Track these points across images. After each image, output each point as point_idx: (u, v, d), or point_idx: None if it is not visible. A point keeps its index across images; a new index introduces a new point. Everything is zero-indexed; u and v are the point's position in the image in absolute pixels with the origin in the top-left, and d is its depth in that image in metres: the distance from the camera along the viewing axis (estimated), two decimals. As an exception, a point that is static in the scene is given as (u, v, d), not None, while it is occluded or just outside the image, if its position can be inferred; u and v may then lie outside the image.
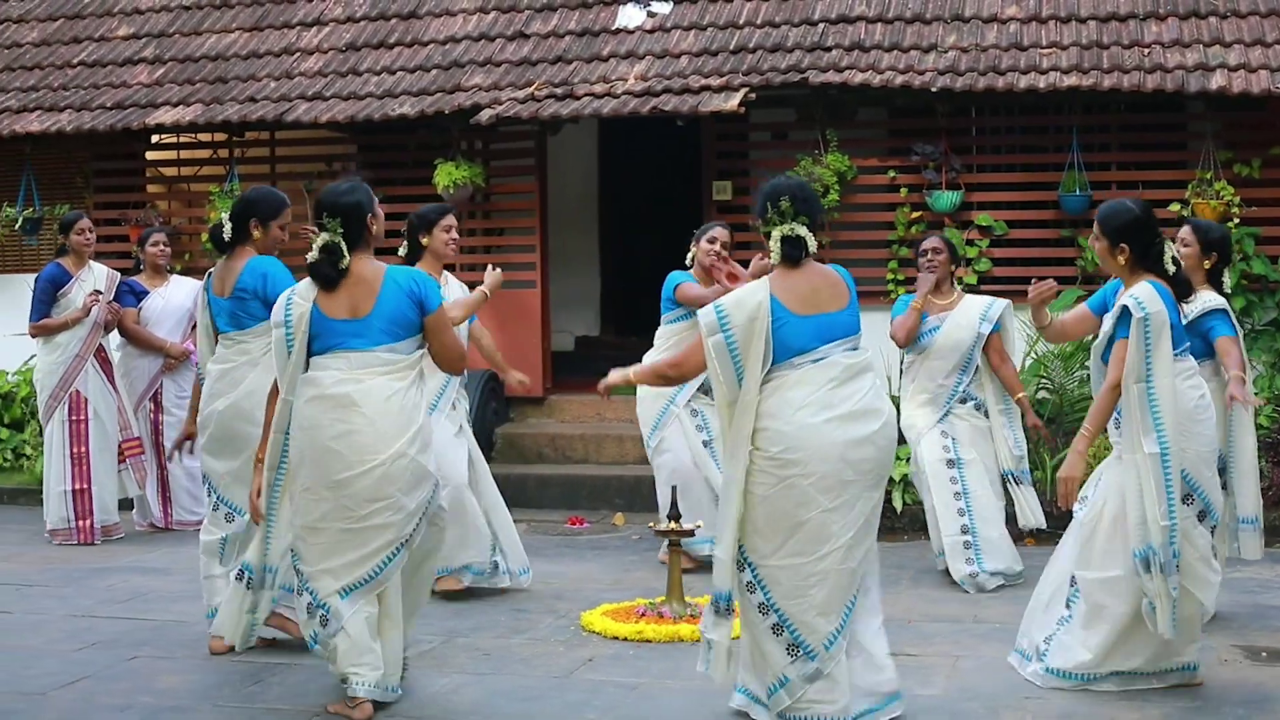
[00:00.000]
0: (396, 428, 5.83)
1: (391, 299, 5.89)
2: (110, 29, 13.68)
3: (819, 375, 5.48)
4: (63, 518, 10.12)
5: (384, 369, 5.87)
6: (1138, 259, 6.13)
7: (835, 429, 5.43)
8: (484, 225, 12.56)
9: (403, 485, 5.85)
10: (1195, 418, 6.12)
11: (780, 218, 5.54)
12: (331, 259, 5.88)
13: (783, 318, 5.47)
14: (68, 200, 12.87)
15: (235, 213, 6.96)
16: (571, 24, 12.46)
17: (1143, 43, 11.01)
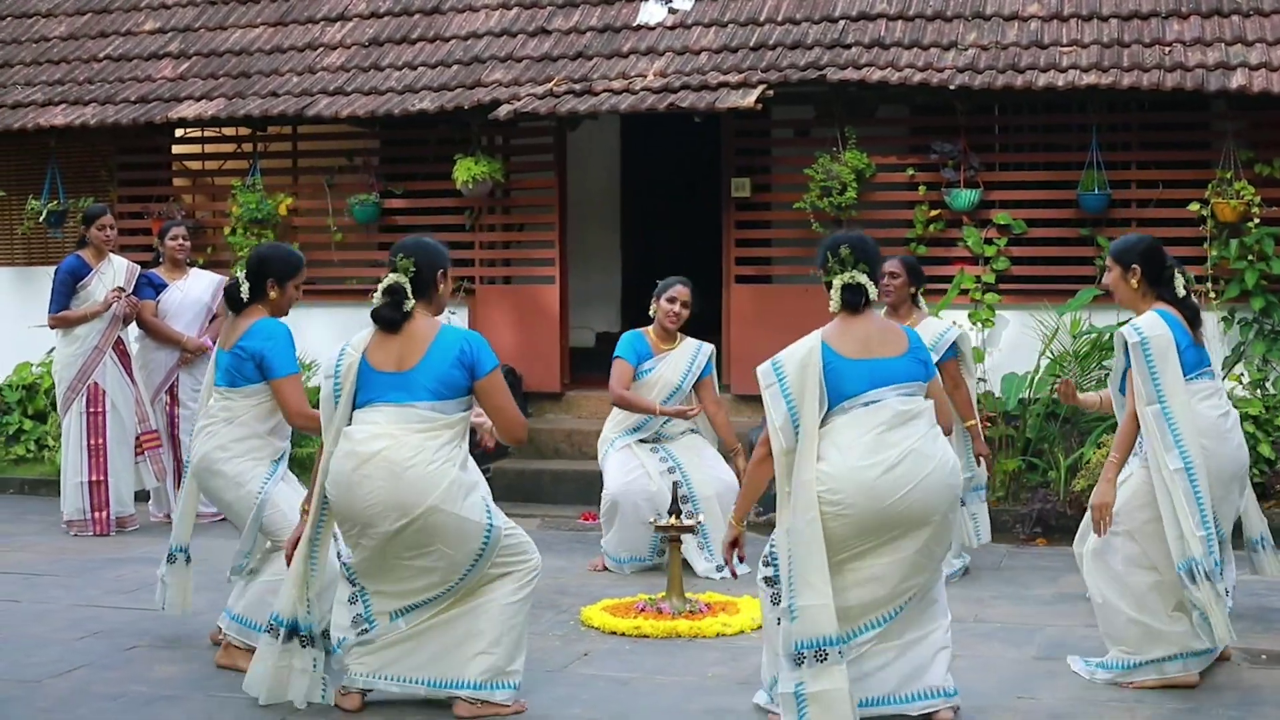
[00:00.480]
0: (422, 485, 5.67)
1: (440, 357, 5.78)
2: (136, 23, 13.77)
3: (869, 419, 5.53)
4: (79, 509, 10.18)
5: (420, 425, 5.74)
6: (1150, 282, 6.41)
7: (880, 474, 5.46)
8: (504, 221, 12.58)
9: (445, 539, 5.73)
10: (1212, 435, 6.33)
11: (840, 266, 5.65)
12: (395, 300, 5.81)
13: (833, 362, 5.55)
14: (92, 193, 12.96)
15: (251, 270, 6.73)
16: (593, 20, 12.46)
17: (1164, 41, 10.93)
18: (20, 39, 13.90)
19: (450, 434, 5.79)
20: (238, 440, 6.68)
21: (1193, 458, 6.13)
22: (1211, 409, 6.40)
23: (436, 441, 5.74)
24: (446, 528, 5.72)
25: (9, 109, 12.88)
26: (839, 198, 11.06)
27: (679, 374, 8.86)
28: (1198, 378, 6.38)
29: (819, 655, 5.35)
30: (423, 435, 5.74)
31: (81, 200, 12.65)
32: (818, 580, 5.38)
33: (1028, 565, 9.10)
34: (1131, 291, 6.45)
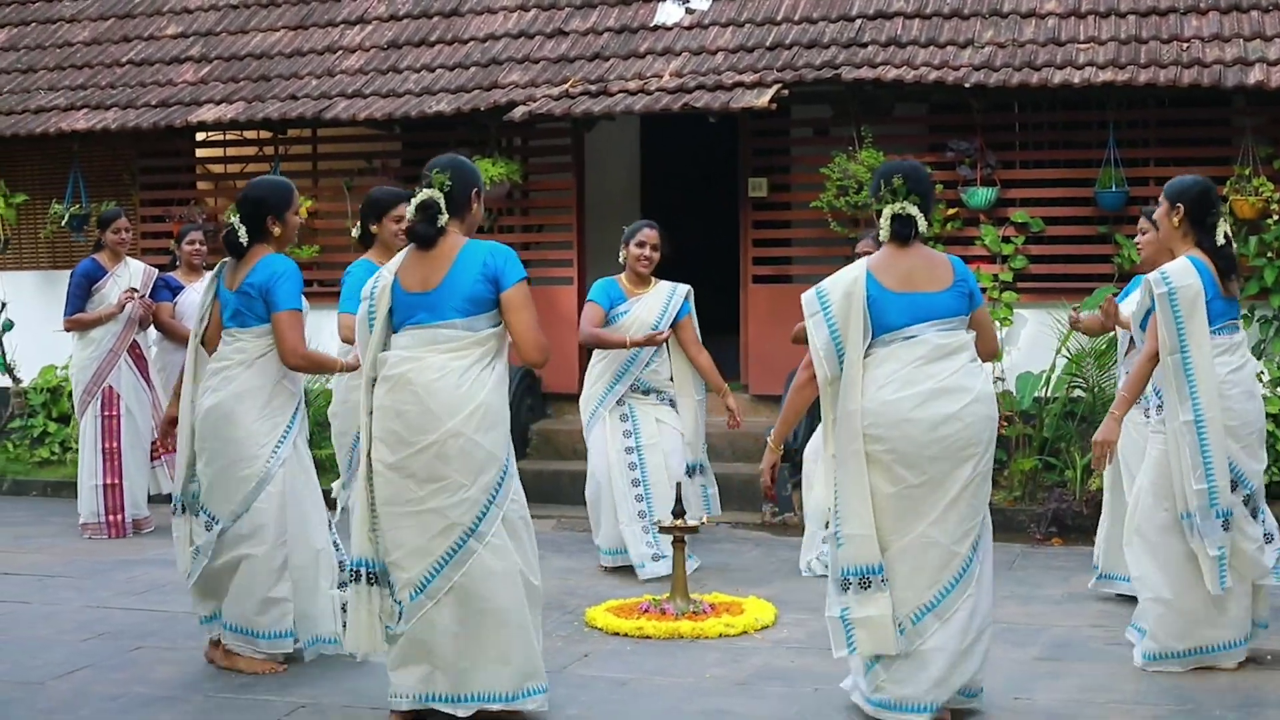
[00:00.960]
0: (447, 406, 5.52)
1: (464, 272, 5.60)
2: (159, 28, 13.84)
3: (906, 353, 5.55)
4: (94, 511, 10.24)
5: (446, 345, 5.58)
6: (1192, 223, 6.43)
7: (914, 406, 5.48)
8: (522, 222, 12.59)
9: (459, 466, 5.53)
10: (1224, 392, 6.30)
11: (892, 195, 5.63)
12: (429, 215, 5.65)
13: (876, 294, 5.56)
14: (115, 197, 13.02)
15: (247, 213, 6.48)
16: (610, 21, 12.46)
17: (1182, 37, 10.85)
18: (45, 44, 14.00)
19: (479, 352, 5.60)
20: (255, 390, 6.45)
21: (1204, 411, 6.18)
22: (1222, 365, 6.36)
23: (464, 362, 5.57)
24: (465, 453, 5.53)
25: (32, 114, 12.97)
26: (855, 197, 11.02)
27: (654, 314, 8.83)
28: (1222, 330, 6.38)
29: (863, 582, 5.47)
30: (448, 355, 5.58)
31: (104, 204, 12.69)
32: (862, 509, 5.46)
33: (1041, 565, 9.05)
34: (1172, 229, 6.49)
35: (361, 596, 5.79)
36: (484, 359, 5.62)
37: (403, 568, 5.66)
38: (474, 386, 5.57)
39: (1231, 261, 6.47)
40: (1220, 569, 6.23)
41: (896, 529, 5.49)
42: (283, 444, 6.49)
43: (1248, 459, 6.39)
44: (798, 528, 10.34)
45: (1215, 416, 6.19)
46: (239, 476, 6.46)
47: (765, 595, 8.05)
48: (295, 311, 6.45)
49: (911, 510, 5.49)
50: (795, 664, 6.75)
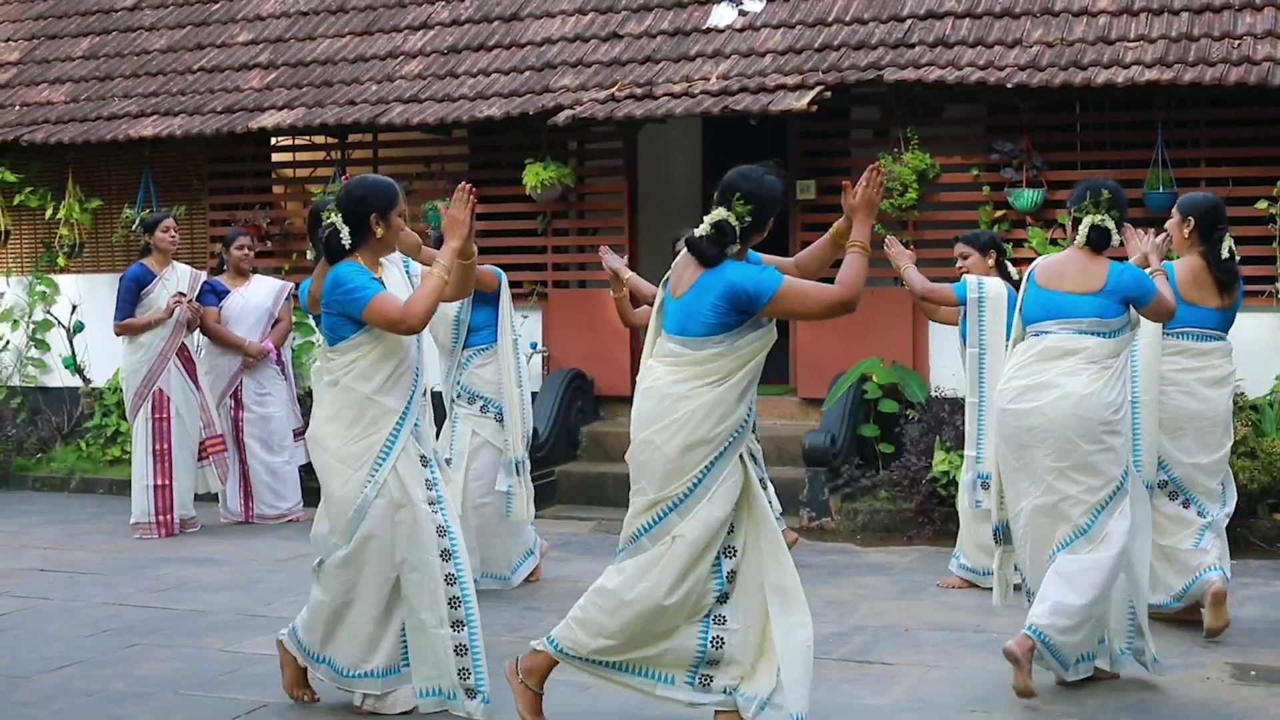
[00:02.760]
0: (652, 415, 5.40)
1: (706, 286, 5.38)
2: (232, 35, 14.11)
3: (1029, 348, 6.20)
4: (144, 511, 10.48)
5: (668, 360, 5.46)
6: (1200, 236, 7.11)
7: (1010, 399, 6.16)
8: (577, 225, 12.64)
9: (649, 475, 5.41)
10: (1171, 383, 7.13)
11: (1095, 207, 6.17)
12: (722, 238, 5.42)
13: (1030, 289, 6.29)
14: (185, 201, 13.33)
15: (349, 211, 5.89)
16: (664, 24, 12.47)
17: (1234, 34, 10.60)
18: (123, 53, 14.34)
19: (694, 372, 5.41)
20: (342, 409, 5.93)
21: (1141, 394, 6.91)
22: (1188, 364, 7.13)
23: (675, 377, 5.41)
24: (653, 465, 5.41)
25: (106, 120, 13.29)
26: (900, 199, 10.93)
27: None
28: (1183, 335, 7.07)
29: (998, 538, 6.43)
30: (666, 369, 5.48)
31: (174, 208, 13.00)
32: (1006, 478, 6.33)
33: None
34: (1182, 239, 7.14)
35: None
36: (702, 378, 5.42)
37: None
38: (681, 402, 5.39)
39: (1231, 274, 7.14)
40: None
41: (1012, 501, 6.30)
42: (383, 465, 5.89)
43: (1171, 449, 7.08)
44: (834, 532, 10.31)
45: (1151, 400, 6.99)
46: (340, 504, 5.93)
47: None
48: (379, 293, 5.77)
49: (1015, 487, 6.24)
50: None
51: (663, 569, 5.43)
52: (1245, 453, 9.46)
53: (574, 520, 10.97)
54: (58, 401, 13.67)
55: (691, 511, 5.38)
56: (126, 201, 13.42)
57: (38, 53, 14.76)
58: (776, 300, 5.34)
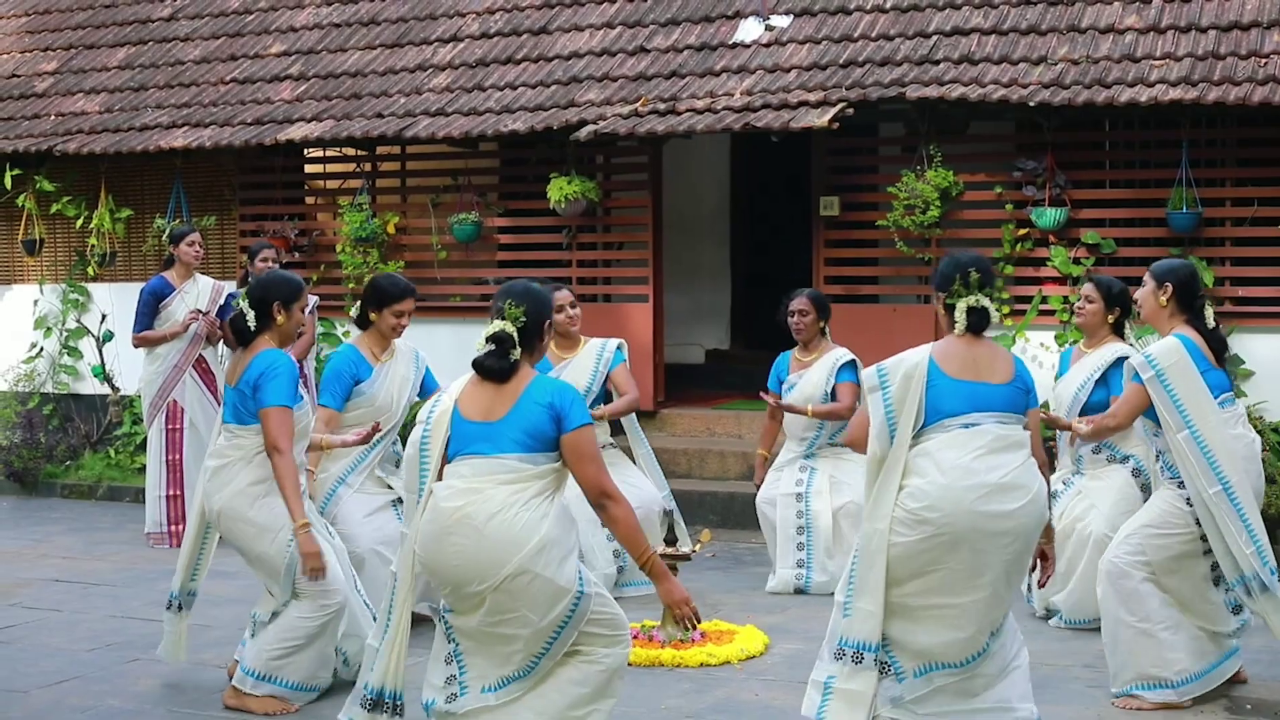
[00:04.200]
0: (504, 545, 5.21)
1: (528, 406, 5.35)
2: (265, 46, 14.19)
3: (969, 441, 5.54)
4: (157, 521, 10.58)
5: (507, 478, 5.30)
6: (1180, 304, 6.67)
7: (978, 498, 5.47)
8: (603, 239, 12.65)
9: (529, 603, 5.23)
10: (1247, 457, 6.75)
11: (967, 289, 5.68)
12: (502, 350, 5.39)
13: (937, 380, 5.60)
14: (216, 212, 13.44)
15: (255, 299, 6.68)
16: (691, 39, 12.46)
17: (1260, 53, 10.49)
18: (158, 63, 14.45)
19: (539, 485, 5.31)
20: (257, 483, 6.58)
21: (1229, 477, 6.29)
22: (1239, 438, 6.70)
23: (524, 495, 5.28)
24: (532, 591, 5.23)
25: (138, 131, 13.39)
26: (922, 216, 10.88)
27: (585, 377, 8.93)
28: (1224, 403, 6.61)
29: (856, 657, 5.53)
30: (509, 489, 5.29)
31: (205, 219, 13.11)
32: (875, 587, 5.49)
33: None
34: (1158, 309, 6.70)
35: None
36: (543, 493, 5.35)
37: (480, 666, 5.40)
38: (536, 520, 5.27)
39: (1223, 342, 6.76)
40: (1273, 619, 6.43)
41: (929, 597, 5.51)
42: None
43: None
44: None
45: (1240, 479, 6.37)
46: (272, 562, 6.61)
47: (772, 622, 8.01)
48: (283, 407, 6.51)
49: (943, 588, 5.50)
50: (758, 698, 6.71)
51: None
52: (1265, 477, 9.31)
53: (591, 535, 10.95)
54: (88, 409, 13.81)
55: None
56: (158, 211, 13.53)
57: (74, 63, 14.90)
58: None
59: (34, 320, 14.11)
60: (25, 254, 14.08)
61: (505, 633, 5.27)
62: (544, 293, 5.57)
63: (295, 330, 6.84)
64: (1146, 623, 6.46)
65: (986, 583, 5.48)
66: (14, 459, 13.12)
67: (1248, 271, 10.66)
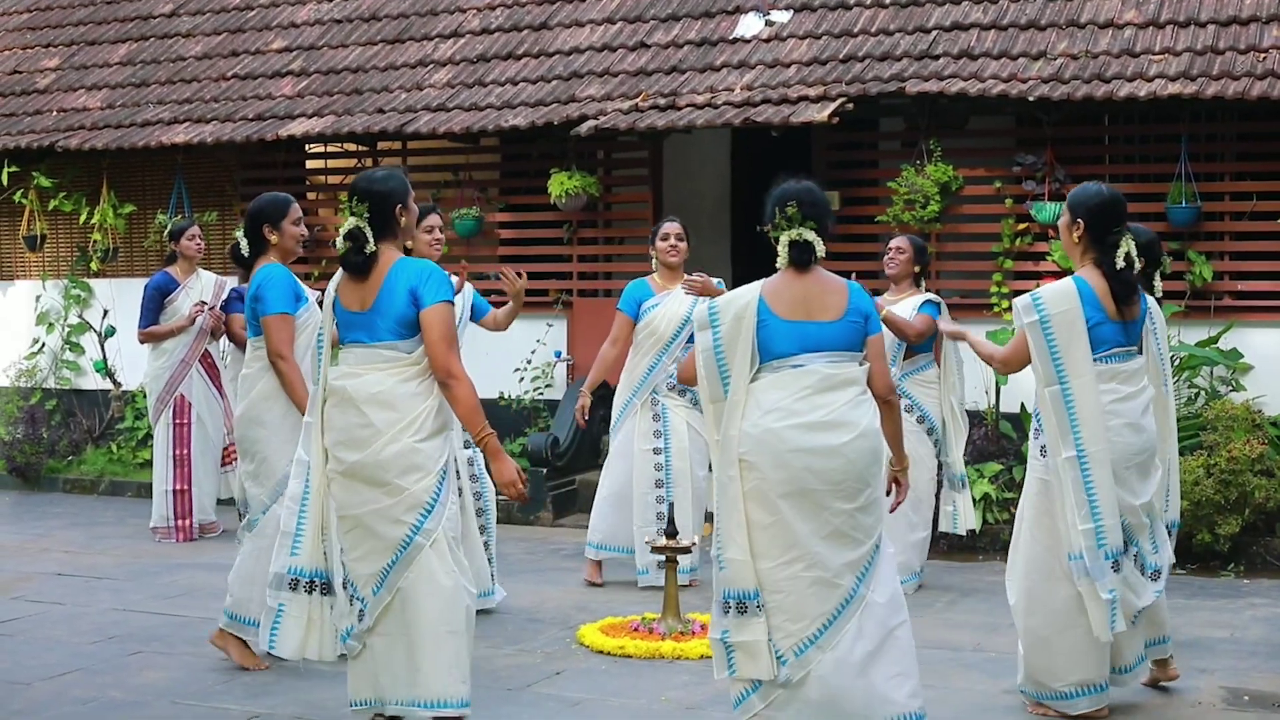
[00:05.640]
0: (388, 419, 5.64)
1: (392, 292, 5.68)
2: (265, 42, 14.21)
3: (793, 382, 5.41)
4: (164, 516, 10.61)
5: (384, 365, 5.68)
6: (1091, 240, 6.10)
7: (796, 435, 5.35)
8: (604, 234, 12.67)
9: (396, 470, 5.63)
10: (1115, 417, 6.06)
11: (788, 223, 5.50)
12: (356, 245, 5.73)
13: (767, 320, 5.45)
14: (218, 208, 13.48)
15: (246, 226, 7.19)
16: (691, 34, 12.47)
17: (1259, 48, 10.50)
18: (159, 59, 14.46)
19: (415, 370, 5.70)
20: (280, 387, 6.97)
21: (1086, 446, 5.91)
22: (1122, 390, 6.10)
23: (399, 377, 5.68)
24: (399, 458, 5.62)
25: (139, 127, 13.41)
26: (922, 211, 10.91)
27: (686, 307, 8.86)
28: (1110, 358, 6.06)
29: (740, 607, 5.38)
30: (384, 373, 5.69)
31: (206, 214, 13.14)
32: (738, 535, 5.37)
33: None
34: (1071, 245, 6.20)
35: (302, 604, 5.93)
36: (416, 378, 5.70)
37: (364, 562, 5.72)
38: (412, 400, 5.68)
39: (1130, 286, 6.07)
40: (1111, 613, 5.92)
41: (774, 557, 5.36)
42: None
43: (1122, 493, 6.04)
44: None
45: (1100, 450, 5.92)
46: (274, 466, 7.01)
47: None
48: (282, 314, 6.90)
49: (787, 540, 5.35)
50: (758, 688, 6.71)
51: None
52: (1263, 471, 9.37)
53: (593, 530, 10.98)
54: (90, 404, 13.84)
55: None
56: (160, 207, 13.58)
57: (76, 59, 14.92)
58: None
59: (36, 316, 14.15)
60: (27, 250, 14.12)
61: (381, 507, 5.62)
62: (388, 176, 5.88)
63: (294, 245, 7.16)
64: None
65: (827, 523, 5.33)
66: (16, 454, 13.16)
67: (1247, 266, 10.68)
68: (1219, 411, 9.77)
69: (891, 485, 5.87)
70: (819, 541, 5.34)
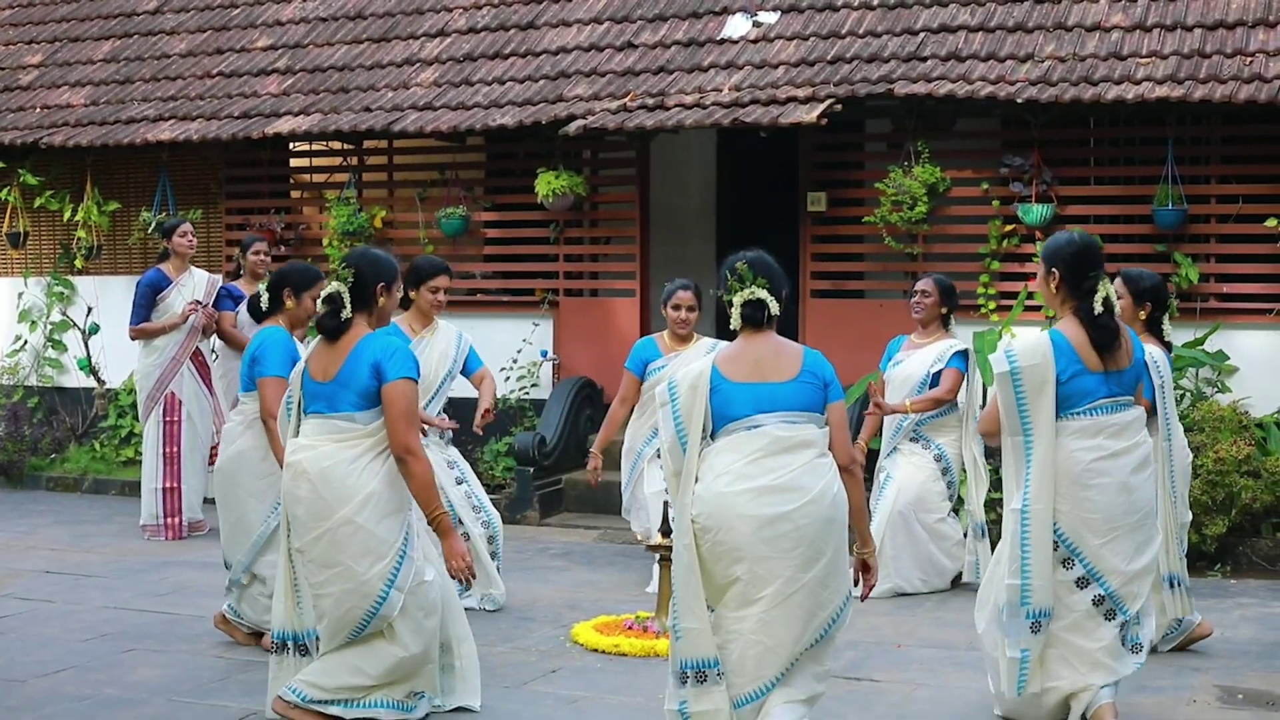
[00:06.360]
0: (339, 495, 5.82)
1: (356, 363, 5.89)
2: (251, 40, 14.18)
3: (745, 444, 5.32)
4: (153, 514, 10.58)
5: (338, 436, 5.90)
6: (1069, 290, 5.88)
7: (747, 501, 5.24)
8: (590, 234, 12.68)
9: (351, 553, 5.81)
10: (1083, 482, 5.77)
11: (740, 283, 5.45)
12: (332, 309, 5.96)
13: (720, 385, 5.39)
14: (202, 205, 13.44)
15: (271, 283, 7.47)
16: (679, 34, 12.48)
17: (1246, 51, 10.57)
18: (144, 56, 14.41)
19: (369, 444, 5.89)
20: (255, 447, 7.26)
21: (1033, 504, 5.73)
22: (1087, 451, 5.79)
23: (353, 451, 5.87)
24: (355, 542, 5.81)
25: (124, 124, 13.37)
26: (909, 212, 10.94)
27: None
28: (1094, 410, 5.80)
29: (699, 676, 5.27)
30: (338, 445, 5.88)
31: (191, 212, 13.11)
32: (696, 605, 5.28)
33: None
34: (1051, 296, 5.97)
35: (286, 667, 6.09)
36: (373, 451, 5.91)
37: (326, 639, 6.00)
38: (364, 476, 5.86)
39: (1109, 333, 5.82)
40: (1020, 673, 5.75)
41: (731, 609, 5.28)
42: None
43: (1110, 555, 5.76)
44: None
45: (1044, 508, 5.72)
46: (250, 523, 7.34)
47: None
48: (275, 378, 7.03)
49: (742, 599, 5.26)
50: (754, 686, 6.73)
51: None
52: (1249, 471, 9.44)
53: (579, 529, 11.04)
54: (73, 402, 13.79)
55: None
56: (144, 205, 13.53)
57: (59, 55, 14.87)
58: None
59: (18, 313, 14.08)
60: (9, 247, 14.05)
61: (332, 591, 5.84)
62: (381, 258, 6.11)
63: (306, 317, 7.36)
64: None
65: (781, 592, 5.20)
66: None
67: (1232, 269, 10.75)
68: (1206, 413, 9.84)
69: (859, 569, 5.59)
70: (769, 609, 5.22)
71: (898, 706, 6.44)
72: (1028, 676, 5.77)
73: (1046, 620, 5.75)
